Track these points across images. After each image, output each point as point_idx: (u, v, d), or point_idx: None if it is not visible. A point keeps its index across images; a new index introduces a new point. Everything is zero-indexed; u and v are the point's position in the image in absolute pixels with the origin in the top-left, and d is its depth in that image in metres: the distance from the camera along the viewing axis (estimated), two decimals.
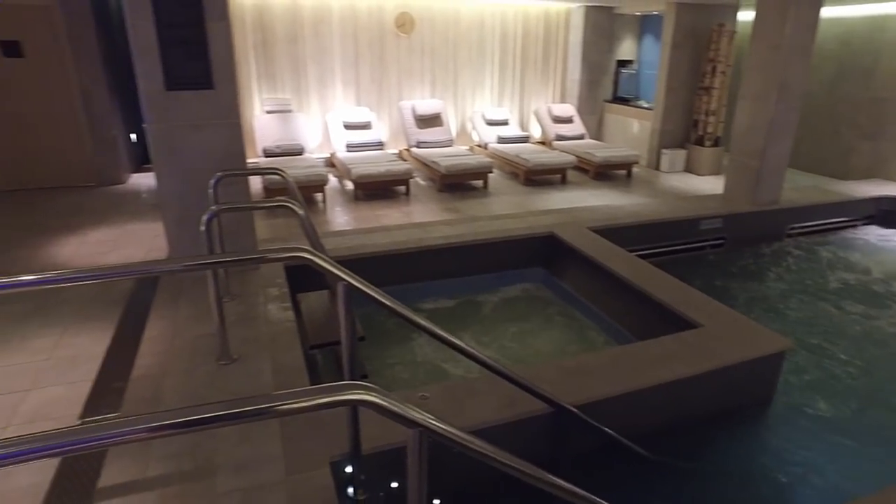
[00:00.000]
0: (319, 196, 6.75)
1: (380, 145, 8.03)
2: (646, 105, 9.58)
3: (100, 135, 7.10)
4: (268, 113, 7.88)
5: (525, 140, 8.93)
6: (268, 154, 7.33)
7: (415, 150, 8.23)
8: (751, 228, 6.31)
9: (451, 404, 2.79)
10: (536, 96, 10.13)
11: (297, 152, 7.41)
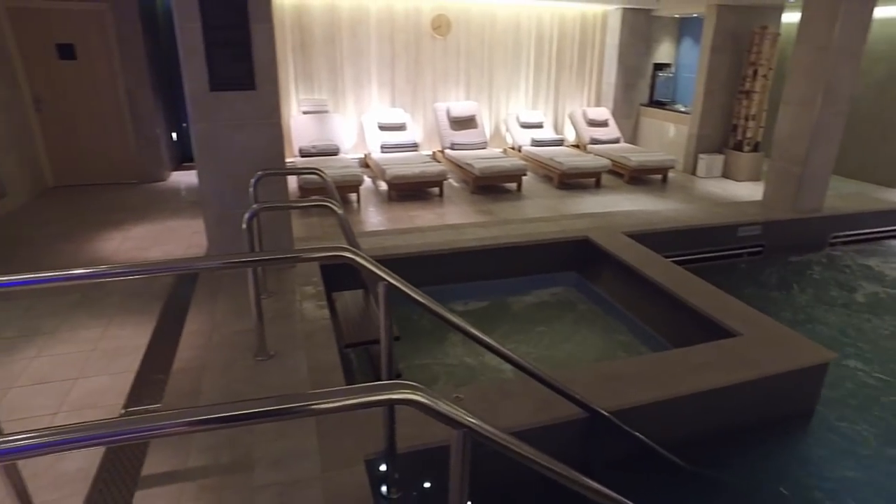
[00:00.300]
0: (354, 196, 6.82)
1: (414, 146, 8.07)
2: (683, 109, 9.42)
3: (143, 134, 7.32)
4: (304, 113, 8.00)
5: (559, 143, 8.86)
6: (304, 154, 7.44)
7: (449, 151, 8.25)
8: (791, 236, 6.15)
9: (485, 406, 2.79)
10: (571, 99, 10.04)
11: (333, 152, 7.50)
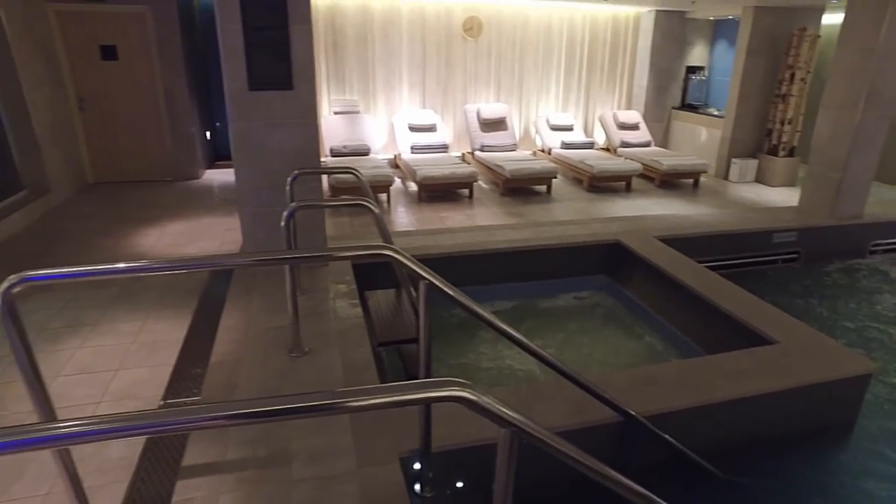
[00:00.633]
0: (384, 196, 6.87)
1: (444, 148, 8.10)
2: (716, 113, 9.27)
3: (179, 133, 7.48)
4: (335, 114, 8.08)
5: (589, 146, 8.80)
6: (335, 154, 7.52)
7: (478, 153, 8.25)
8: (829, 243, 6.00)
9: (519, 407, 2.77)
10: (602, 102, 9.97)
11: (364, 153, 7.57)
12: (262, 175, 4.11)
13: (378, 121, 8.63)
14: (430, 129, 8.38)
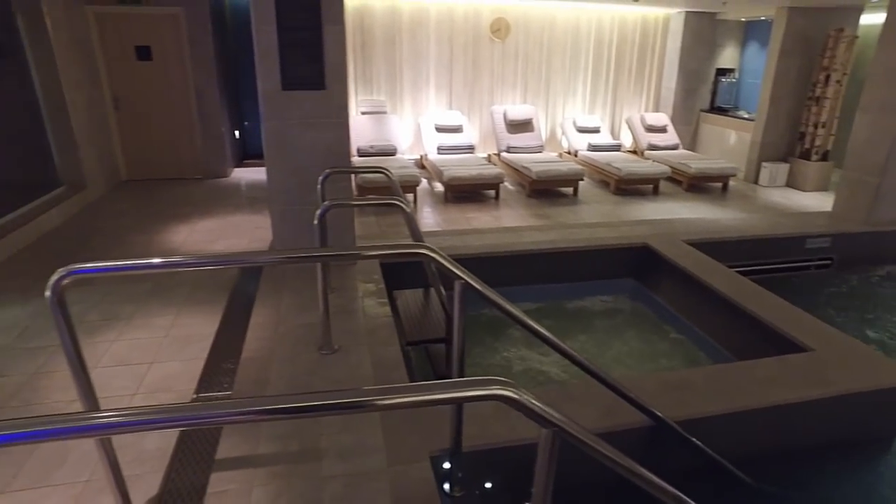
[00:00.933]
0: (411, 196, 6.89)
1: (470, 149, 8.11)
2: (746, 115, 9.12)
3: (209, 132, 7.61)
4: (363, 114, 8.14)
5: (616, 148, 8.73)
6: (362, 153, 7.58)
7: (505, 154, 8.24)
8: (864, 249, 5.85)
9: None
10: (629, 104, 9.88)
11: (390, 153, 7.61)
12: (293, 173, 4.16)
13: (405, 121, 8.67)
14: (457, 129, 8.39)
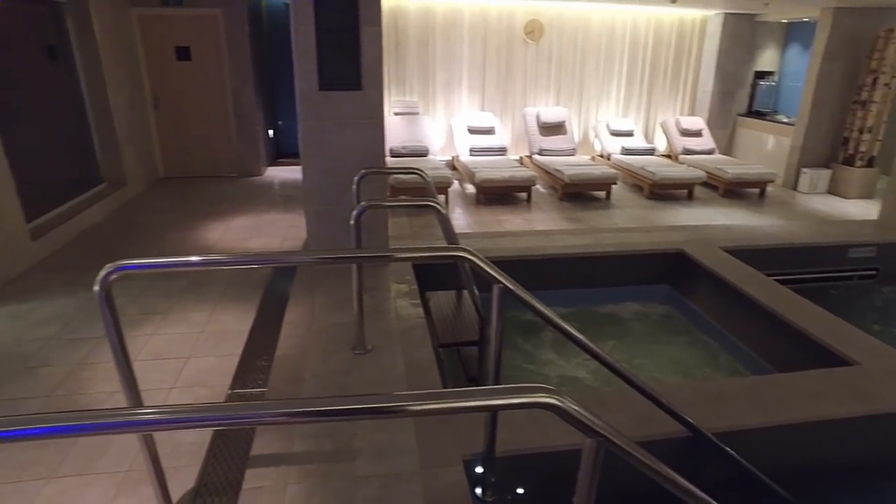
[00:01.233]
0: (442, 198, 6.89)
1: (502, 151, 8.08)
2: (785, 120, 8.89)
3: (244, 131, 7.73)
4: (395, 115, 8.18)
5: (650, 152, 8.60)
6: (394, 154, 7.61)
7: (537, 157, 8.19)
8: None
9: None
10: (664, 108, 9.72)
11: (422, 154, 7.63)
12: (329, 173, 4.19)
13: (437, 122, 8.69)
14: (489, 131, 8.37)
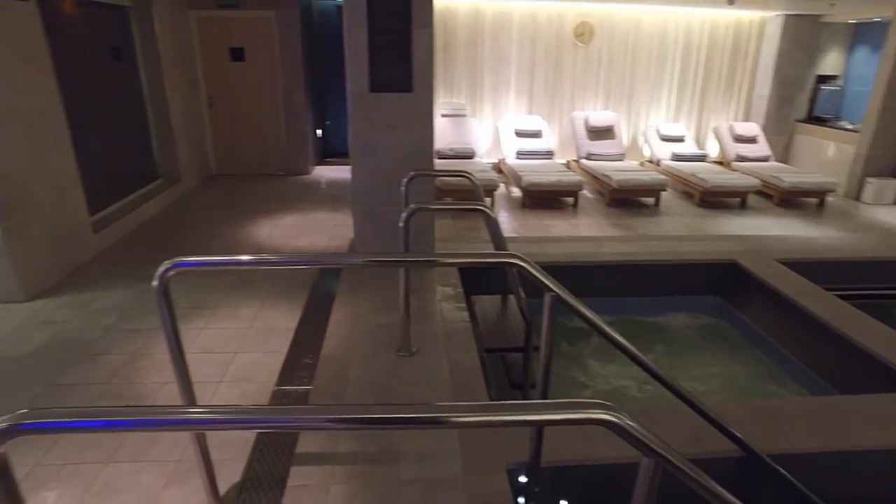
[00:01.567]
0: (488, 201, 6.86)
1: (549, 154, 7.99)
2: (849, 126, 8.48)
3: (294, 130, 7.89)
4: (443, 116, 8.19)
5: (702, 159, 8.34)
6: (440, 156, 7.62)
7: (584, 161, 8.06)
8: None
9: None
10: (717, 113, 9.42)
11: (469, 156, 7.61)
12: (377, 174, 4.22)
13: (484, 125, 8.66)
14: (536, 135, 8.29)
